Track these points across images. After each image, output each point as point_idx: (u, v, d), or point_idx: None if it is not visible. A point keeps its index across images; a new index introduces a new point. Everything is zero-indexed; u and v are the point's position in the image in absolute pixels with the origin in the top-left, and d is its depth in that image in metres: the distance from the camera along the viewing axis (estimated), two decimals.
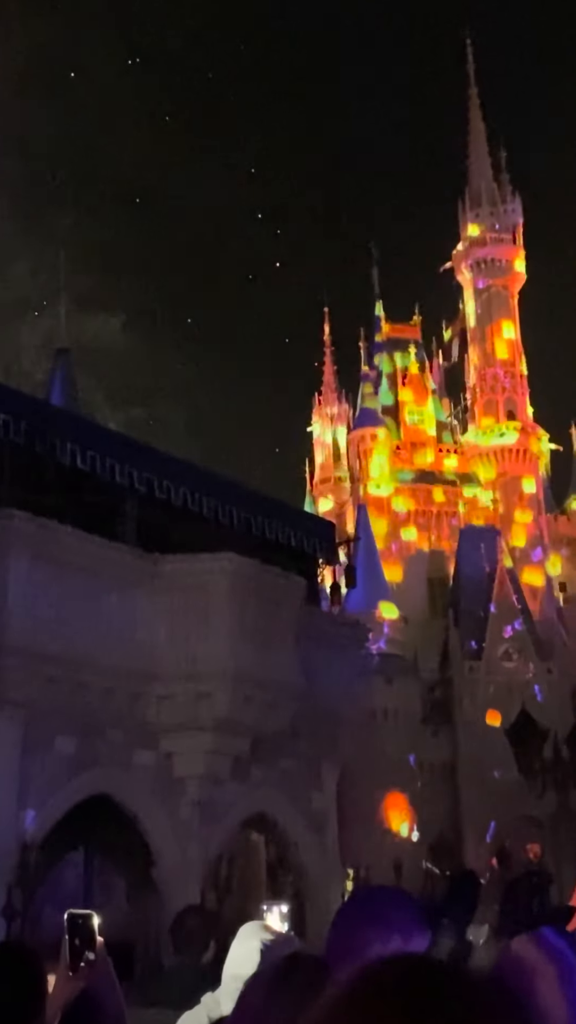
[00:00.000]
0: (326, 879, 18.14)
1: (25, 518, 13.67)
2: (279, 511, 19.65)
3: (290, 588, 16.17)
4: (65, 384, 29.16)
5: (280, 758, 17.01)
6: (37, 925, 12.38)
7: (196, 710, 14.91)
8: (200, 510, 17.06)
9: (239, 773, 15.91)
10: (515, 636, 49.99)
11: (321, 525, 22.41)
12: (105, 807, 14.72)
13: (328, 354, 68.65)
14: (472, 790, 45.13)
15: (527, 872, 12.17)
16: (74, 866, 20.53)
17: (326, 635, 18.32)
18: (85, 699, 14.18)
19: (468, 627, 49.86)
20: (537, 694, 45.35)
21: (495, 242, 64.97)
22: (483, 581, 51.32)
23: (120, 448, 16.78)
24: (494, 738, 39.50)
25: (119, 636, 14.54)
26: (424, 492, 61.33)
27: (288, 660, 15.66)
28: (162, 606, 14.95)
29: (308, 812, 17.94)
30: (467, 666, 48.62)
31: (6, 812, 13.12)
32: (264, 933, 3.45)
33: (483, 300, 64.81)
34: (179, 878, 14.85)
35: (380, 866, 34.10)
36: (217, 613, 14.94)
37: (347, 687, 18.66)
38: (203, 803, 15.41)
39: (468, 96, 68.81)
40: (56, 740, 13.95)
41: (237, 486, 19.07)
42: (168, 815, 15.22)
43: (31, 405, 16.49)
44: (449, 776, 46.16)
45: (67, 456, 15.29)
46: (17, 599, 13.45)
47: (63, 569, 14.03)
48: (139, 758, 15.05)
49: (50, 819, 13.65)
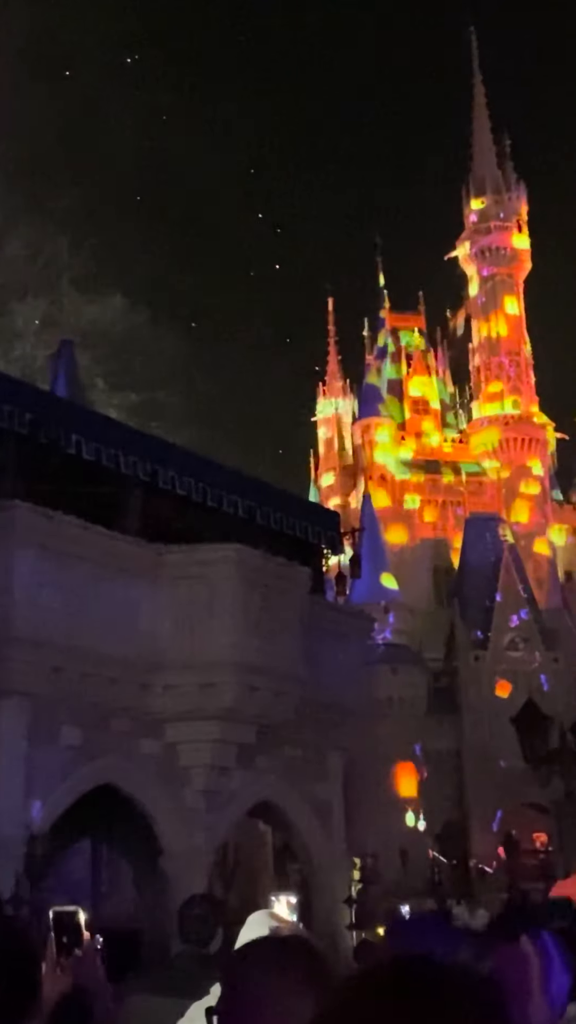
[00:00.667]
0: (332, 867, 18.20)
1: (30, 509, 13.69)
2: (284, 501, 19.66)
3: (295, 578, 16.18)
4: (69, 375, 29.15)
5: (286, 747, 17.05)
6: (44, 914, 12.44)
7: (201, 700, 14.94)
8: (205, 500, 17.07)
9: (245, 762, 15.96)
10: (521, 625, 49.99)
11: (326, 515, 22.43)
12: (111, 797, 14.78)
13: (332, 344, 68.58)
14: (478, 779, 45.20)
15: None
16: (81, 855, 20.63)
17: (331, 625, 18.34)
18: (91, 689, 14.22)
19: (473, 616, 49.87)
20: (543, 683, 45.35)
21: (499, 230, 64.79)
22: (488, 570, 51.29)
23: (125, 438, 16.79)
24: (500, 727, 39.52)
25: (124, 626, 14.57)
26: (429, 480, 61.32)
27: (293, 650, 15.68)
28: (167, 596, 14.97)
29: (314, 801, 17.98)
30: (472, 655, 48.64)
31: (13, 802, 13.17)
32: (272, 922, 3.45)
33: (488, 288, 64.66)
34: (185, 866, 14.90)
35: (387, 855, 34.17)
36: (222, 603, 14.96)
37: (352, 676, 18.68)
38: (209, 792, 15.46)
39: (472, 84, 68.57)
40: (62, 730, 14.00)
41: (242, 476, 19.07)
42: (174, 804, 15.27)
43: (36, 396, 16.51)
44: (455, 765, 46.23)
45: (72, 447, 15.30)
46: (22, 590, 13.48)
47: (68, 560, 14.05)
48: (145, 747, 15.10)
49: (57, 809, 13.71)
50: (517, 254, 64.81)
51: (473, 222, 65.46)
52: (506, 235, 64.74)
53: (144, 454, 16.49)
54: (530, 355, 64.55)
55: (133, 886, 17.24)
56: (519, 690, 38.94)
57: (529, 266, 65.36)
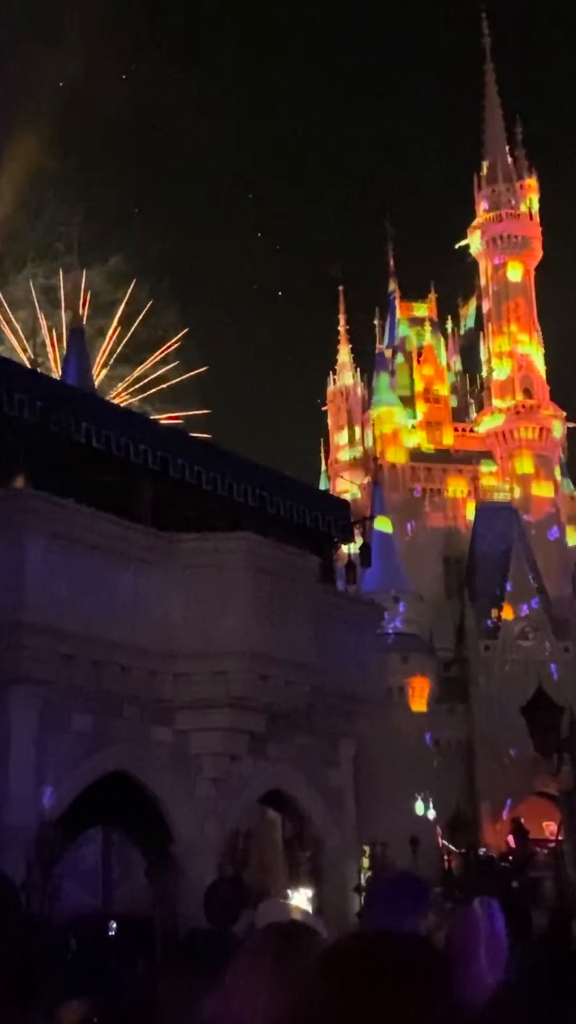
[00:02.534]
0: (343, 855, 18.24)
1: (41, 497, 13.72)
2: (295, 490, 19.66)
3: (305, 566, 16.19)
4: (80, 364, 29.16)
5: (296, 735, 17.08)
6: (56, 901, 12.51)
7: (212, 688, 14.98)
8: (215, 489, 17.08)
9: (256, 750, 15.99)
10: (531, 615, 49.96)
11: (336, 504, 22.41)
12: (123, 784, 14.83)
13: (343, 332, 68.44)
14: (488, 768, 45.25)
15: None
16: (93, 842, 20.72)
17: (342, 614, 18.36)
18: (102, 677, 14.26)
19: (484, 606, 49.86)
20: (553, 672, 45.33)
21: (511, 218, 64.53)
22: (499, 559, 51.26)
23: (135, 427, 16.80)
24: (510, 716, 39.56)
25: (135, 614, 14.61)
26: (440, 471, 61.24)
27: (304, 638, 15.70)
28: (178, 585, 15.00)
29: (324, 789, 18.02)
30: (483, 645, 48.65)
31: (24, 789, 13.23)
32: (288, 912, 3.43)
33: (499, 277, 64.44)
34: (196, 854, 14.96)
35: (397, 843, 34.24)
36: (233, 591, 14.98)
37: (363, 665, 18.70)
38: (220, 780, 15.50)
39: (484, 71, 68.23)
40: (73, 718, 14.05)
41: (253, 465, 19.07)
42: (185, 792, 15.32)
43: (46, 384, 16.53)
44: (465, 754, 46.28)
45: (82, 435, 15.32)
46: (34, 578, 13.51)
47: (79, 548, 14.08)
48: (156, 735, 15.15)
49: (68, 796, 13.76)
50: (528, 242, 64.54)
51: (484, 210, 65.21)
52: (518, 223, 64.47)
53: (154, 443, 16.50)
54: (542, 343, 64.34)
55: (144, 873, 17.32)
56: (529, 679, 38.97)
57: (540, 254, 65.09)
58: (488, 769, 45.26)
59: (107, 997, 2.83)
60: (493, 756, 44.87)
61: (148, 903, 16.14)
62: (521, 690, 24.90)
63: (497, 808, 44.61)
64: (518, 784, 42.83)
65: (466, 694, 47.59)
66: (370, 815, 23.36)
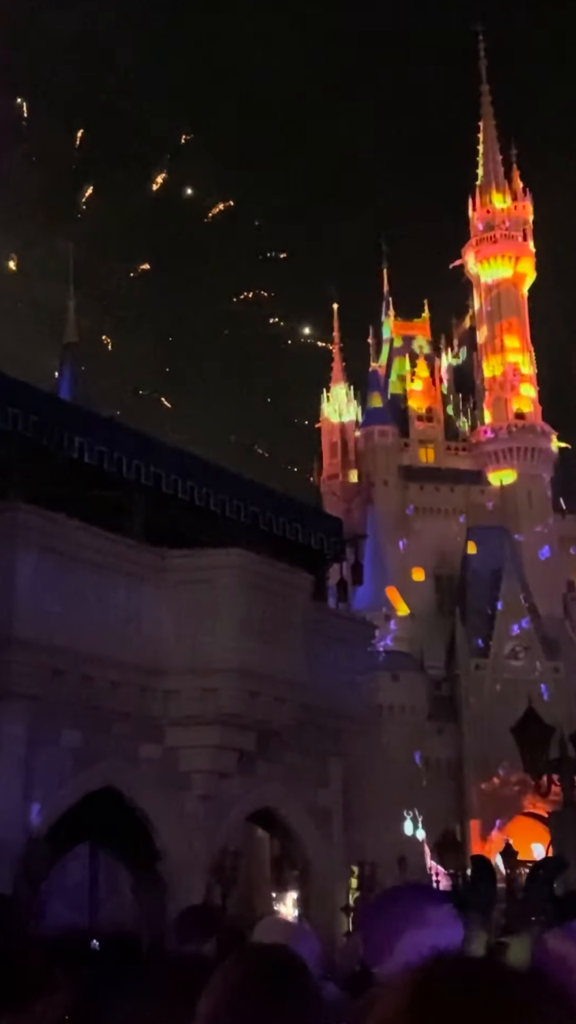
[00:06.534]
0: (331, 875, 18.16)
1: (33, 512, 13.69)
2: (287, 507, 19.65)
3: (297, 584, 16.17)
4: (74, 378, 29.19)
5: (286, 753, 17.03)
6: (42, 917, 12.42)
7: (202, 705, 14.93)
8: (208, 505, 17.06)
9: (245, 768, 15.93)
10: (522, 634, 49.99)
11: (329, 521, 22.39)
12: (111, 801, 14.76)
13: (336, 351, 68.63)
14: (477, 787, 45.15)
15: (536, 864, 12.17)
16: (80, 859, 20.58)
17: (333, 631, 18.32)
18: (91, 693, 14.20)
19: (475, 625, 49.87)
20: (543, 692, 45.33)
21: (505, 238, 64.90)
22: (490, 579, 51.30)
23: (128, 442, 16.79)
24: (500, 736, 39.52)
25: (126, 630, 14.57)
26: (432, 489, 61.33)
27: (294, 656, 15.67)
28: (169, 601, 14.97)
29: (313, 808, 17.95)
30: (473, 664, 48.64)
31: (12, 805, 13.15)
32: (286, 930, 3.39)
33: (492, 297, 64.74)
34: (184, 872, 14.88)
35: (385, 863, 34.11)
36: (224, 608, 14.95)
37: (353, 683, 18.66)
38: (208, 797, 15.44)
39: (480, 92, 68.73)
40: (62, 733, 13.98)
41: (245, 481, 19.07)
42: (174, 809, 15.25)
43: (39, 398, 16.51)
44: (455, 773, 46.19)
45: (75, 450, 15.30)
46: (24, 593, 13.48)
47: (71, 563, 14.05)
48: (145, 752, 15.08)
49: (56, 812, 13.69)
50: (523, 261, 64.88)
51: (479, 229, 65.56)
52: (511, 244, 64.82)
53: (147, 458, 16.50)
54: (535, 363, 64.59)
55: (131, 891, 17.22)
56: (519, 699, 38.92)
57: (535, 274, 65.43)
58: (477, 789, 45.17)
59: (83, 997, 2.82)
60: (483, 776, 44.80)
61: (134, 921, 16.04)
62: (511, 710, 24.87)
63: (486, 828, 44.49)
64: (508, 804, 42.75)
65: (456, 713, 47.54)
66: (359, 834, 23.29)
